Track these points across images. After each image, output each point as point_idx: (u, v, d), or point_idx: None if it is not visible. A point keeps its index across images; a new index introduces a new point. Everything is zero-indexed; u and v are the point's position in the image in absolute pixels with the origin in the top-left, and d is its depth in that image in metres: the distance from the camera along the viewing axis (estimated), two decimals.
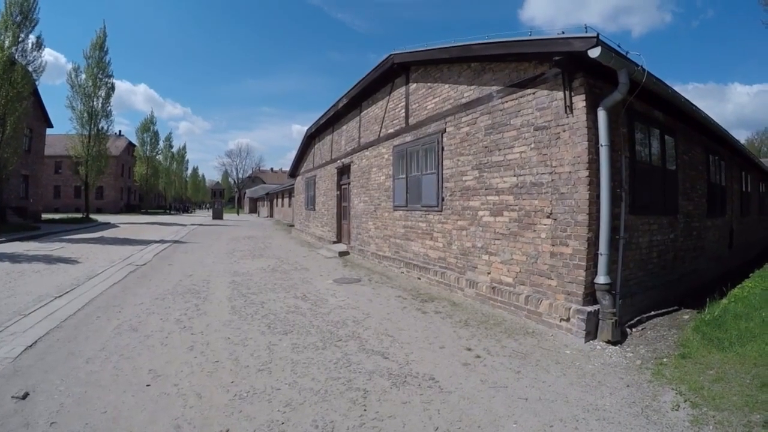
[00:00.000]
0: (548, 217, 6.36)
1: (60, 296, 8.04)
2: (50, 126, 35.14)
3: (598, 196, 5.89)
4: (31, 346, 5.25)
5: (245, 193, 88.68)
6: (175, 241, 19.29)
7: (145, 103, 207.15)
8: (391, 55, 10.56)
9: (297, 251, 16.10)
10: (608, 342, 5.53)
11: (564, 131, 6.15)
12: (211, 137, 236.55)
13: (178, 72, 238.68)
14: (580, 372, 4.62)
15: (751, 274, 10.04)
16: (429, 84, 9.62)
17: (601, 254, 5.82)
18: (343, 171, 15.98)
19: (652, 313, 6.81)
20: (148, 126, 63.26)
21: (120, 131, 70.46)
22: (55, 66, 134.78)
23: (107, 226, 30.20)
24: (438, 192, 9.01)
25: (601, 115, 5.82)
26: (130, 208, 64.49)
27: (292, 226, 28.40)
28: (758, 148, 63.19)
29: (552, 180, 6.32)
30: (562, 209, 6.16)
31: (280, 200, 45.55)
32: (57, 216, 37.44)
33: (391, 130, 11.43)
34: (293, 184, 28.90)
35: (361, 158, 13.73)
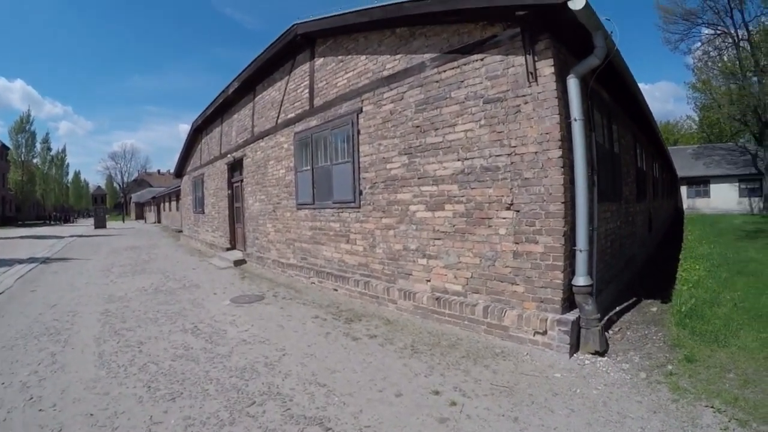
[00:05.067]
0: (508, 208, 4.78)
1: None
2: None
3: (572, 181, 4.47)
4: None
5: (131, 198, 75.31)
6: (47, 259, 15.27)
7: (23, 102, 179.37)
8: (294, 25, 8.29)
9: (185, 262, 13.21)
10: (595, 353, 4.28)
11: (526, 103, 4.62)
12: (93, 139, 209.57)
13: (58, 67, 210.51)
14: (588, 403, 3.43)
15: (680, 256, 9.93)
16: (340, 57, 7.60)
17: (579, 251, 4.45)
18: (235, 166, 13.27)
19: (617, 309, 5.75)
20: (23, 126, 52.40)
21: None
22: None
23: None
24: (354, 185, 7.04)
25: (573, 84, 4.46)
26: (4, 221, 51.98)
27: (181, 232, 24.73)
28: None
29: (511, 163, 4.73)
30: (526, 198, 4.61)
31: (167, 204, 40.23)
32: None
33: (291, 115, 9.19)
34: (179, 187, 25.21)
35: (255, 150, 11.27)
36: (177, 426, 3.31)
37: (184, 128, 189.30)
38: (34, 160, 56.72)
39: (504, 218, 4.78)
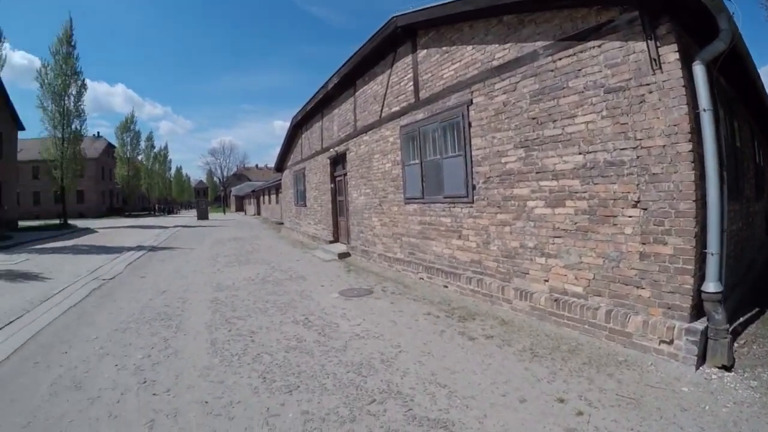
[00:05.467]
0: (635, 206, 4.90)
1: (1, 328, 6.56)
2: (22, 128, 33.24)
3: (702, 177, 4.48)
4: None
5: (231, 191, 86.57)
6: (154, 247, 17.54)
7: (125, 104, 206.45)
8: (393, 17, 8.88)
9: (289, 254, 14.47)
10: (722, 367, 4.23)
11: (650, 92, 4.70)
12: (193, 136, 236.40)
13: (156, 71, 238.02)
14: (718, 422, 3.40)
15: None
16: (445, 48, 8.01)
17: (710, 254, 4.46)
18: (338, 160, 14.35)
19: (741, 319, 5.54)
20: (127, 126, 60.44)
21: (98, 133, 68.89)
22: (29, 69, 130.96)
23: (85, 231, 28.78)
24: (467, 179, 7.43)
25: (699, 71, 4.49)
26: (113, 212, 62.89)
27: (282, 224, 26.67)
28: None
29: (637, 157, 4.84)
30: (654, 196, 4.70)
31: (266, 197, 43.62)
32: (36, 223, 36.11)
33: (396, 108, 9.79)
34: (280, 180, 27.06)
35: (358, 144, 12.07)
36: (295, 420, 3.56)
37: (278, 124, 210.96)
38: (139, 157, 65.40)
39: (630, 216, 4.91)
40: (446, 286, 7.99)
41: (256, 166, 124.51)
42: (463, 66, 7.48)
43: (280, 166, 24.46)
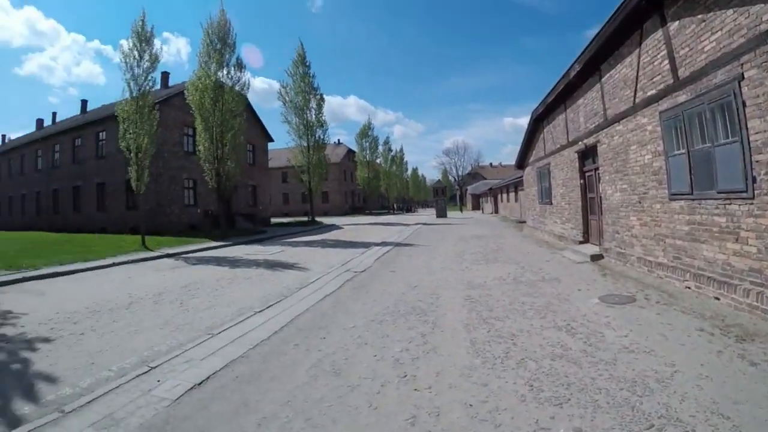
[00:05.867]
0: None
1: (261, 311, 8.29)
2: (271, 140, 44.28)
3: None
4: (193, 387, 4.96)
5: (467, 189, 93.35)
6: (398, 243, 19.62)
7: (358, 114, 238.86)
8: None
9: (536, 253, 14.81)
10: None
11: None
12: (425, 139, 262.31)
13: (384, 80, 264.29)
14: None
15: None
16: (700, 17, 7.42)
17: None
18: (587, 154, 14.15)
19: None
20: (365, 132, 71.46)
21: (339, 140, 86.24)
22: (269, 91, 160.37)
23: (331, 228, 33.97)
24: (744, 170, 6.75)
25: None
26: (354, 210, 76.55)
27: (523, 222, 27.04)
28: None
29: None
30: None
31: (505, 195, 44.63)
32: (285, 220, 47.74)
33: (651, 92, 9.31)
34: (519, 177, 27.67)
35: (610, 135, 11.74)
36: None
37: (508, 121, 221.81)
38: (378, 160, 77.26)
39: None
40: (717, 298, 7.37)
41: (490, 164, 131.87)
42: (726, 35, 6.84)
43: (521, 163, 24.84)
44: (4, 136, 63.53)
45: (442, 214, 48.14)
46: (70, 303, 10.02)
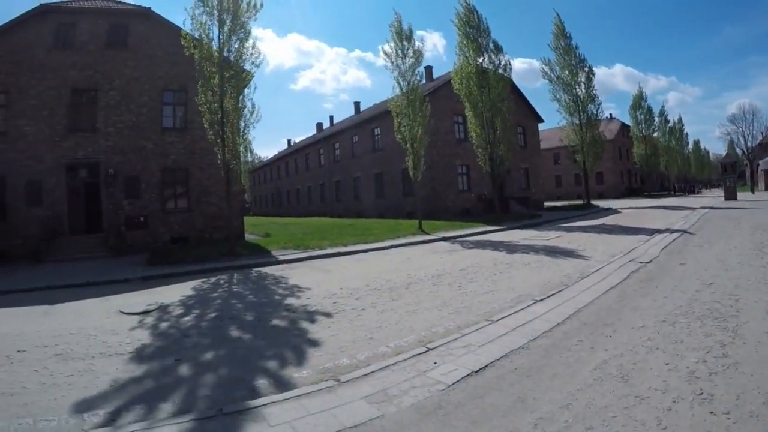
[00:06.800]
0: None
1: (542, 299, 7.97)
2: (540, 121, 43.39)
3: None
4: (470, 374, 4.93)
5: (758, 165, 71.80)
6: (685, 231, 17.05)
7: (626, 83, 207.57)
8: None
9: None
10: None
11: None
12: (703, 105, 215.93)
13: (648, 41, 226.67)
14: None
15: None
16: None
17: None
18: None
19: None
20: (638, 103, 61.87)
21: (611, 114, 76.53)
22: (528, 71, 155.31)
23: (608, 211, 31.96)
24: None
25: None
26: (631, 192, 69.11)
27: None
28: None
29: None
30: None
31: None
32: (558, 203, 45.54)
33: None
34: None
35: None
36: None
37: None
38: (654, 134, 65.58)
39: None
40: None
41: None
42: None
43: None
44: (289, 141, 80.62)
45: (731, 195, 38.72)
46: (353, 280, 11.25)
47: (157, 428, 4.20)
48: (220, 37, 16.88)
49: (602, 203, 43.45)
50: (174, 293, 10.98)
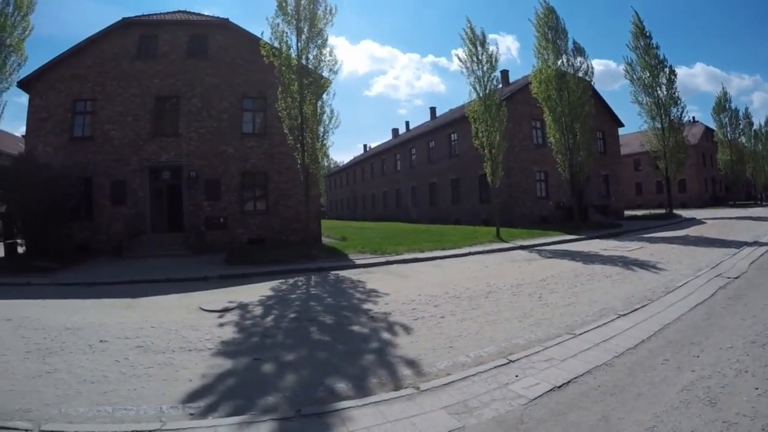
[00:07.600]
0: None
1: (625, 314, 7.57)
2: (621, 125, 41.09)
3: None
4: (553, 389, 4.75)
5: None
6: None
7: (708, 83, 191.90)
8: None
9: None
10: None
11: None
12: None
13: (733, 38, 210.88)
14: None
15: None
16: None
17: None
18: None
19: None
20: (722, 105, 57.23)
21: (693, 117, 69.15)
22: (605, 72, 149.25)
23: (691, 222, 30.29)
24: None
25: None
26: (715, 201, 63.08)
27: None
28: None
29: None
30: None
31: None
32: (639, 212, 42.38)
33: None
34: None
35: None
36: None
37: None
38: (740, 138, 60.36)
39: None
40: None
41: None
42: None
43: None
44: (365, 146, 79.76)
45: None
46: (431, 287, 11.03)
47: (236, 425, 4.27)
48: (298, 44, 17.28)
49: (685, 213, 40.56)
50: (252, 293, 11.18)
